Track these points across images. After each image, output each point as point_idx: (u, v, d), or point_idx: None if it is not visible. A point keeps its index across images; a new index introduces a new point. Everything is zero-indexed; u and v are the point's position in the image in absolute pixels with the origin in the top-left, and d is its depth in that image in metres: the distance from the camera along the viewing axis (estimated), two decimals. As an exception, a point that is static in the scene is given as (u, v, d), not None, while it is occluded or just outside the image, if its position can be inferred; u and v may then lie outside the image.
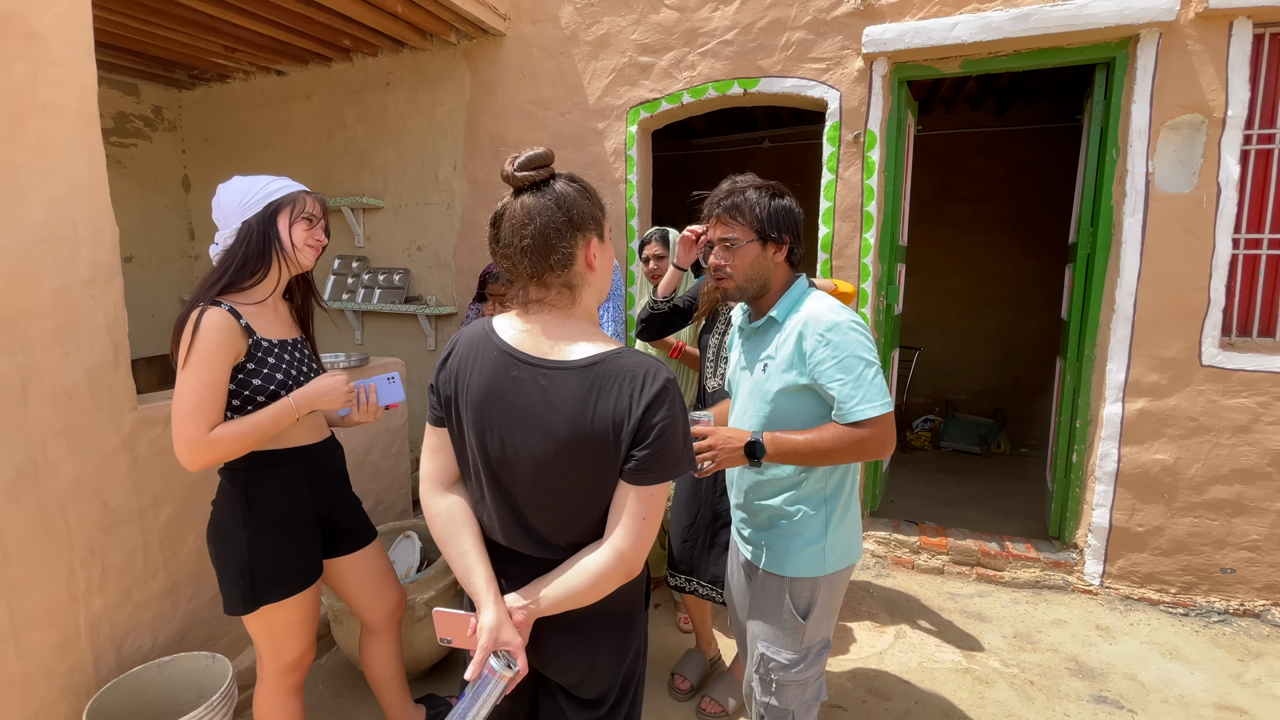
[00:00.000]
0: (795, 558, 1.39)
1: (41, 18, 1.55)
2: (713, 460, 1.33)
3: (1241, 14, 2.43)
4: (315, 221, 1.54)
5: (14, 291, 1.52)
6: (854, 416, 1.27)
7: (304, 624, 1.56)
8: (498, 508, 1.04)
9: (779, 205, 1.39)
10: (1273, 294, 2.59)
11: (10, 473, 1.52)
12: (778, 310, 1.40)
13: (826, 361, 1.29)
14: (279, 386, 1.48)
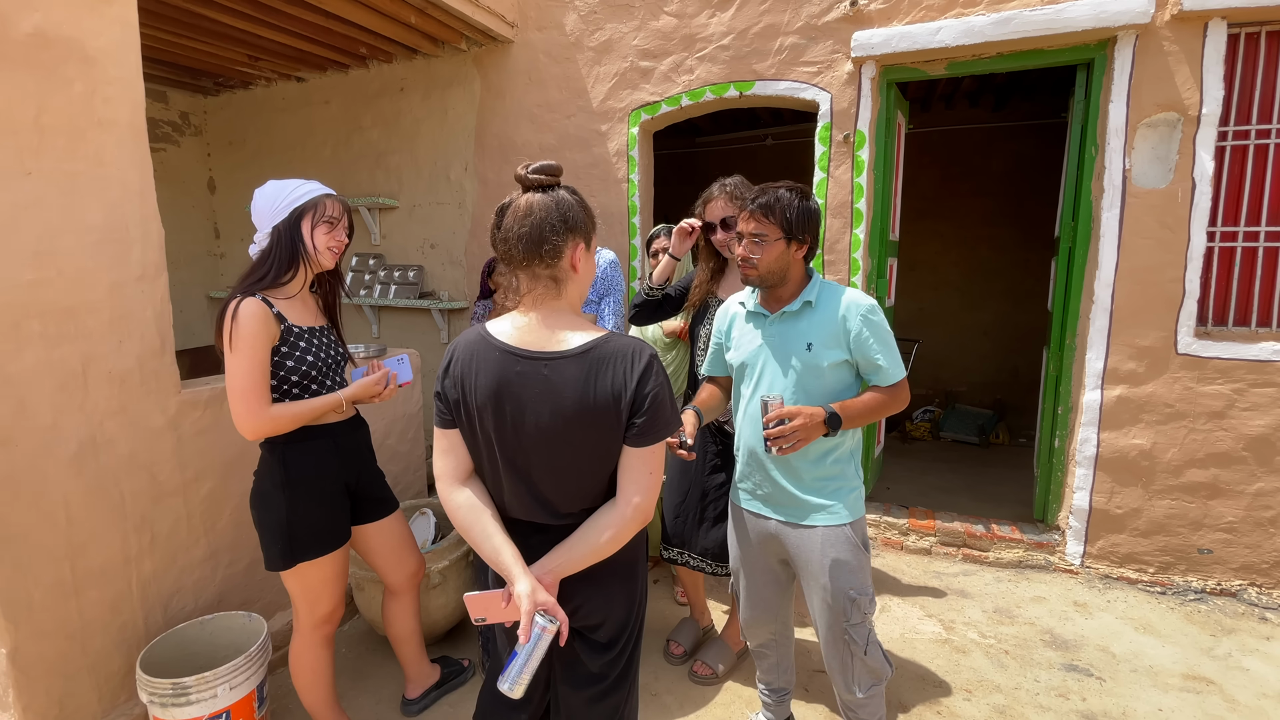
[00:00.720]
0: (848, 504, 1.59)
1: (96, 42, 1.74)
2: (802, 437, 1.45)
3: (1216, 15, 2.53)
4: (336, 224, 1.69)
5: (76, 287, 1.71)
6: (892, 379, 1.55)
7: (335, 581, 1.74)
8: (515, 487, 1.19)
9: (806, 208, 1.56)
10: (1249, 285, 2.69)
11: (73, 446, 1.72)
12: (812, 296, 1.58)
13: (870, 338, 1.54)
14: (310, 368, 1.66)
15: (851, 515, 1.60)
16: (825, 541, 1.57)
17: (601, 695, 1.25)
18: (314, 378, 1.67)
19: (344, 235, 1.73)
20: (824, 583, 1.58)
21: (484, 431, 1.17)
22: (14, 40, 1.58)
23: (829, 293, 1.60)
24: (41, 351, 1.65)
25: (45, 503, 1.68)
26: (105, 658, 1.83)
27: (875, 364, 1.55)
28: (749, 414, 1.65)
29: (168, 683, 1.69)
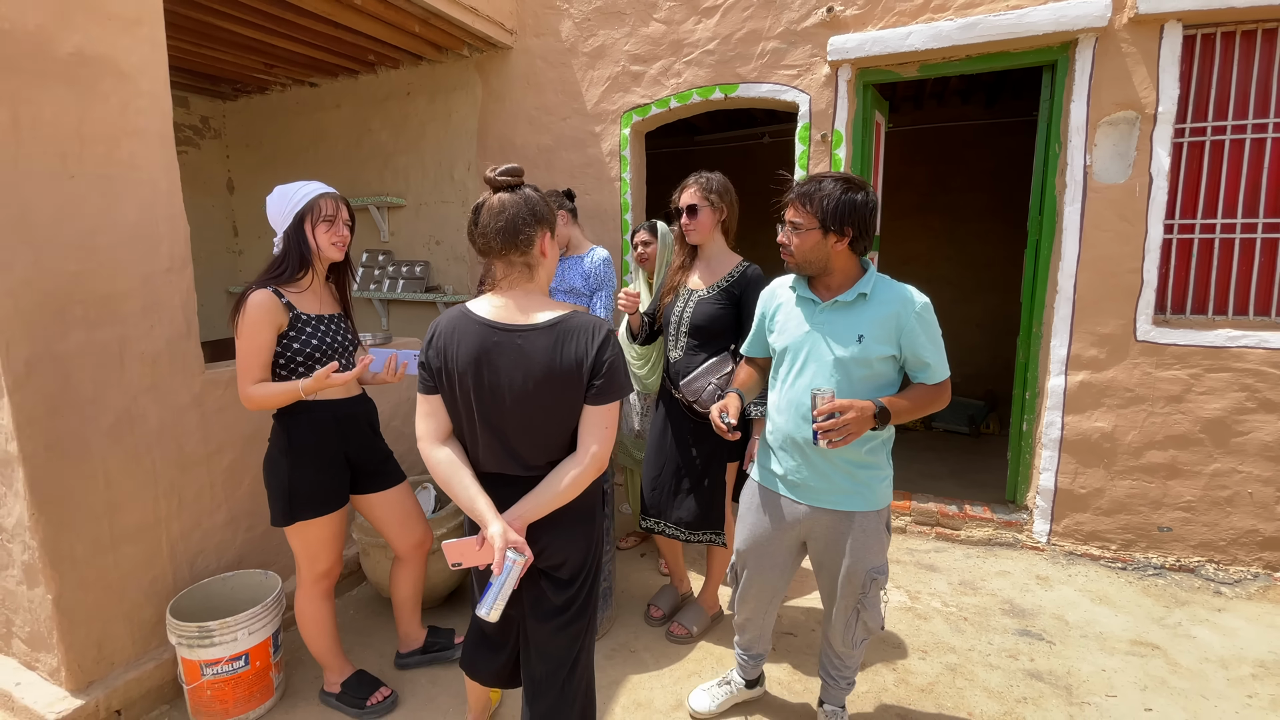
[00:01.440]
0: (880, 491, 1.65)
1: (129, 59, 1.96)
2: (853, 431, 1.46)
3: (1172, 17, 2.66)
4: (334, 220, 1.85)
5: (114, 277, 1.93)
6: (939, 378, 1.58)
7: (330, 541, 1.94)
8: (489, 442, 1.39)
9: (848, 200, 1.52)
10: (1206, 275, 2.82)
11: (111, 418, 1.95)
12: (867, 289, 1.56)
13: (922, 335, 1.54)
14: (315, 350, 1.85)
15: (883, 501, 1.65)
16: (859, 526, 1.62)
17: (564, 625, 1.45)
18: (318, 359, 1.85)
19: (343, 229, 1.88)
20: (848, 563, 1.63)
21: (464, 394, 1.37)
22: (58, 59, 1.80)
23: (884, 287, 1.59)
24: (84, 333, 1.88)
25: (87, 467, 1.91)
26: (138, 607, 2.06)
27: (923, 361, 1.56)
28: (788, 399, 1.64)
29: (194, 626, 1.91)
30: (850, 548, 1.62)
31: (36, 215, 1.76)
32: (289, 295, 1.83)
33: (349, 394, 1.99)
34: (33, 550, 1.83)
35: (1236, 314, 2.80)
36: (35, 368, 1.78)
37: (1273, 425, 2.73)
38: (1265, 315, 2.78)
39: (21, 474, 1.78)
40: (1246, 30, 2.68)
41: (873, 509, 1.63)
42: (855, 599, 1.67)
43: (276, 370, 1.83)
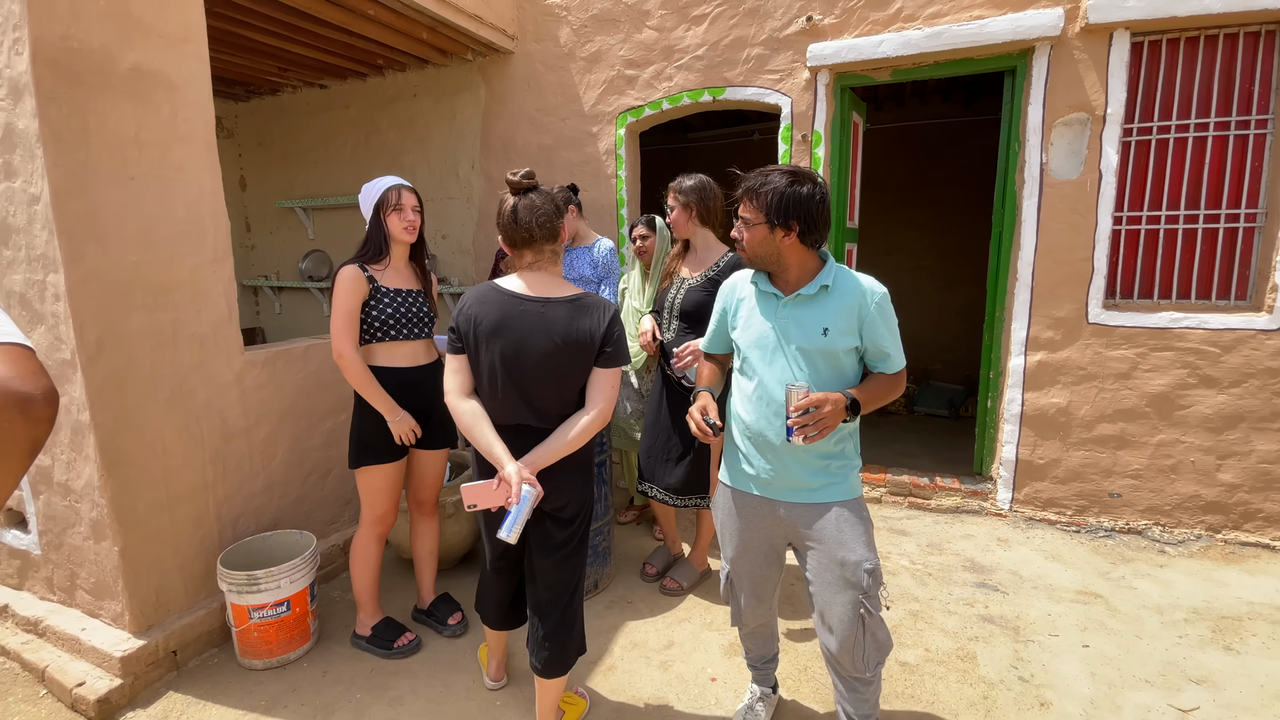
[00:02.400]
0: (853, 481, 1.64)
1: (179, 73, 2.20)
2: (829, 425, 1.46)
3: (1121, 26, 2.92)
4: (404, 208, 2.18)
5: (167, 267, 2.18)
6: (898, 366, 1.59)
7: (387, 489, 2.24)
8: (510, 395, 1.64)
9: (792, 194, 1.50)
10: (1151, 262, 3.09)
11: (167, 392, 2.20)
12: (829, 280, 1.54)
13: (882, 326, 1.54)
14: (389, 318, 2.17)
15: (857, 490, 1.64)
16: (839, 517, 1.59)
17: (565, 559, 1.73)
18: (391, 325, 2.19)
19: (412, 215, 2.20)
20: (840, 557, 1.57)
21: (489, 355, 1.63)
22: (119, 75, 2.04)
23: (845, 278, 1.57)
24: (143, 317, 2.12)
25: (147, 436, 2.16)
26: (190, 561, 2.32)
27: (884, 351, 1.57)
28: (757, 396, 1.60)
29: (243, 575, 2.17)
30: (836, 541, 1.58)
31: (103, 212, 2.01)
32: (372, 270, 2.18)
33: (410, 363, 2.27)
34: (101, 508, 2.09)
35: (1179, 298, 3.07)
36: (104, 347, 2.03)
37: (1212, 399, 3.00)
38: (1205, 299, 3.05)
39: (92, 440, 2.03)
40: (1190, 37, 2.94)
41: (849, 497, 1.61)
42: (857, 599, 1.57)
43: (364, 333, 2.18)
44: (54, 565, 2.32)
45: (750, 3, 3.45)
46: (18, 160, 1.94)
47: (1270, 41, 2.86)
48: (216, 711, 2.08)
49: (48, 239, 1.93)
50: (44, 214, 1.92)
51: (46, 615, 2.32)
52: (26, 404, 0.73)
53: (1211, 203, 2.99)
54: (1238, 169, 2.95)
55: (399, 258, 2.27)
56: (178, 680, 2.22)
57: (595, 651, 2.32)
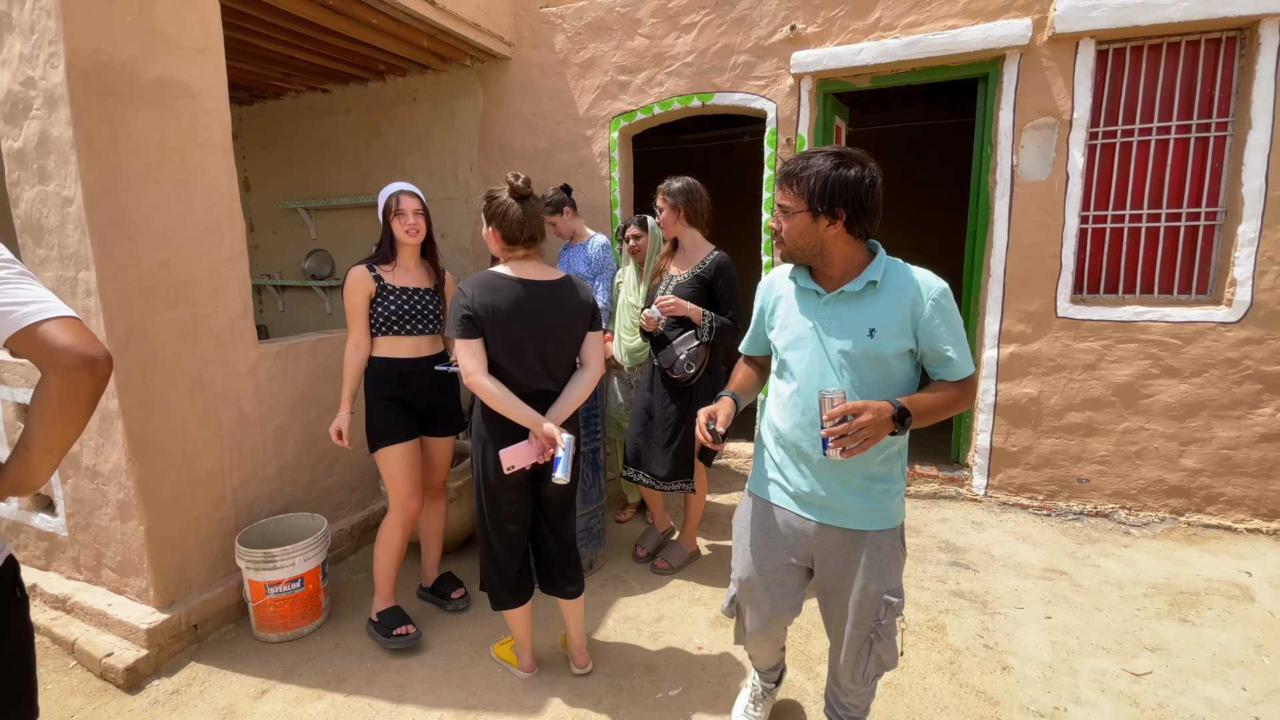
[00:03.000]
0: (895, 507, 1.46)
1: (199, 83, 2.35)
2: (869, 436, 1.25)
3: (1086, 35, 3.08)
4: (406, 213, 2.32)
5: (187, 265, 2.33)
6: (963, 374, 1.36)
7: (403, 471, 2.35)
8: (535, 365, 1.89)
9: (838, 177, 1.33)
10: (1116, 259, 3.25)
11: (188, 382, 2.35)
12: (876, 275, 1.37)
13: (941, 325, 1.34)
14: (392, 314, 2.31)
15: (898, 518, 1.47)
16: (873, 545, 1.44)
17: (567, 506, 2.09)
18: (394, 321, 2.32)
19: (413, 219, 2.33)
20: (860, 586, 1.44)
21: (513, 333, 1.84)
22: (144, 85, 2.19)
23: (896, 272, 1.39)
24: (166, 311, 2.27)
25: (170, 423, 2.31)
26: (209, 541, 2.47)
27: (944, 355, 1.35)
28: (793, 403, 1.45)
29: (260, 553, 2.32)
30: (864, 569, 1.43)
31: (130, 214, 2.16)
32: (380, 270, 2.34)
33: (413, 354, 2.39)
34: (128, 490, 2.24)
35: (1143, 292, 3.24)
36: (131, 339, 2.18)
37: (1174, 388, 3.17)
38: (1167, 293, 3.22)
39: (121, 426, 2.18)
40: (1153, 44, 3.11)
41: (888, 527, 1.44)
42: (869, 628, 1.48)
43: (371, 327, 2.34)
44: (81, 546, 2.47)
45: (737, 12, 3.60)
46: (52, 165, 2.09)
47: (1230, 47, 3.03)
48: (236, 679, 2.23)
49: (79, 239, 2.08)
50: (76, 215, 2.07)
51: (74, 593, 2.46)
52: (94, 364, 0.95)
53: (1173, 202, 3.16)
54: (1199, 170, 3.12)
55: (408, 257, 2.41)
56: (199, 652, 2.37)
57: (591, 624, 2.48)
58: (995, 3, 3.19)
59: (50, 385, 0.95)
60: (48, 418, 0.97)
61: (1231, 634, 2.39)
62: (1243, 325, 3.03)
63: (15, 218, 2.23)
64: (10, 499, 2.10)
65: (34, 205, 2.17)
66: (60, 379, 0.95)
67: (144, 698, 2.15)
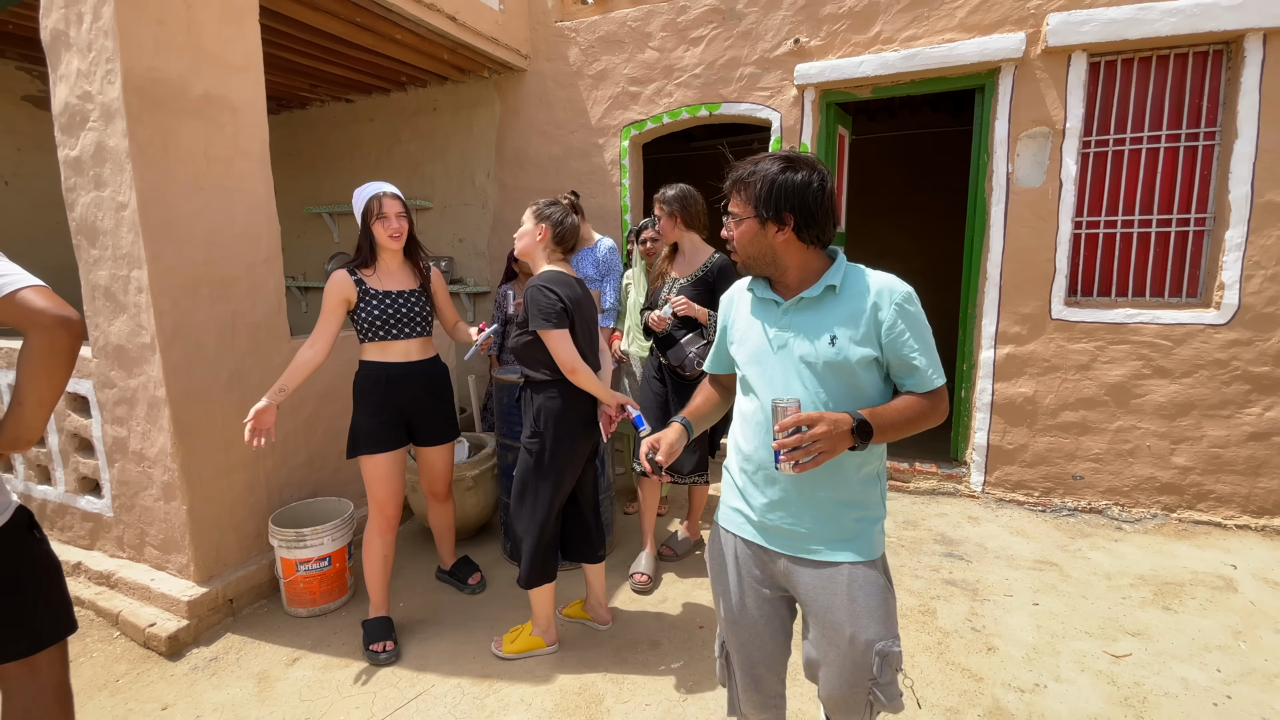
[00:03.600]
0: (875, 536, 1.32)
1: (240, 97, 2.54)
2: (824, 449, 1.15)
3: (1078, 48, 3.21)
4: (388, 216, 2.23)
5: (228, 265, 2.52)
6: (931, 385, 1.25)
7: (384, 479, 2.31)
8: (593, 348, 2.21)
9: (785, 182, 1.25)
10: (1108, 263, 3.37)
11: (227, 373, 2.53)
12: (835, 280, 1.28)
13: (906, 332, 1.24)
14: (375, 319, 2.26)
15: (879, 549, 1.33)
16: (852, 583, 1.29)
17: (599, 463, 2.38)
18: (380, 326, 2.28)
19: (397, 223, 2.25)
20: (849, 634, 1.29)
21: (582, 322, 2.14)
22: (191, 99, 2.38)
23: (856, 277, 1.30)
24: (209, 308, 2.46)
25: (211, 411, 2.49)
26: (243, 521, 2.64)
27: (910, 364, 1.25)
28: (755, 421, 1.35)
29: (292, 532, 2.49)
30: (849, 615, 1.29)
31: (178, 218, 2.35)
32: (362, 274, 2.28)
33: (402, 359, 2.34)
34: (173, 472, 2.42)
35: (1135, 295, 3.35)
36: (178, 333, 2.36)
37: (1165, 388, 3.27)
38: (1159, 296, 3.32)
39: (167, 413, 2.36)
40: (1143, 57, 3.23)
41: (867, 558, 1.30)
42: (865, 685, 1.31)
43: (358, 333, 2.33)
44: (124, 525, 2.66)
45: (743, 26, 3.77)
46: (107, 173, 2.29)
47: (1217, 60, 3.15)
48: (269, 648, 2.40)
49: (133, 240, 2.27)
50: (131, 219, 2.26)
51: (117, 569, 2.65)
52: (68, 323, 1.16)
53: (1164, 208, 3.27)
54: (1188, 177, 3.23)
55: (390, 260, 2.33)
56: (234, 624, 2.54)
57: (598, 605, 2.63)
58: (990, 17, 3.32)
59: (34, 343, 1.14)
60: (35, 372, 1.16)
61: (1212, 621, 2.49)
62: (1231, 327, 3.13)
63: (71, 220, 2.43)
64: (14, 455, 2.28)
65: (89, 209, 2.37)
66: (42, 336, 1.13)
67: (184, 664, 2.33)
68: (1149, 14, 3.04)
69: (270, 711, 2.08)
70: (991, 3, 3.31)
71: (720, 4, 3.80)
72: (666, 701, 2.09)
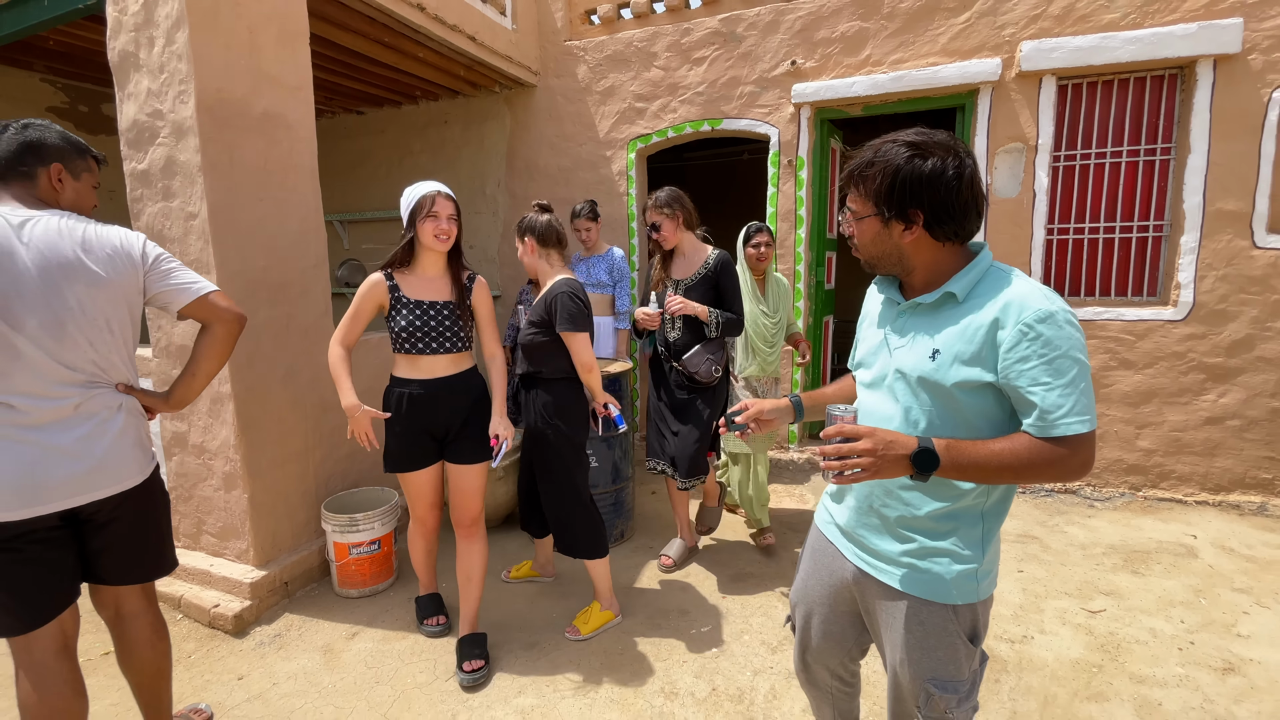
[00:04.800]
0: (952, 582, 1.16)
1: (294, 114, 2.74)
2: (865, 468, 1.05)
3: (1048, 73, 3.56)
4: (439, 217, 2.07)
5: (284, 270, 2.71)
6: (1059, 431, 1.02)
7: (417, 496, 2.29)
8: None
9: (910, 172, 1.09)
10: (1078, 266, 3.71)
11: (282, 371, 2.72)
12: (957, 286, 1.11)
13: (1032, 359, 1.03)
14: (403, 330, 2.12)
15: (960, 596, 1.16)
16: (913, 617, 1.19)
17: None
18: (405, 338, 2.13)
19: (444, 224, 2.08)
20: (901, 657, 1.21)
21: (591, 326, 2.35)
22: (253, 117, 2.58)
23: (990, 285, 1.11)
24: (268, 310, 2.65)
25: (268, 406, 2.67)
26: (296, 509, 2.83)
27: (1027, 399, 1.04)
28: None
29: (346, 517, 2.68)
30: (905, 642, 1.20)
31: (242, 227, 2.54)
32: (399, 279, 2.14)
33: (429, 376, 2.19)
34: (234, 462, 2.60)
35: (1101, 295, 3.70)
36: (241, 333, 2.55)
37: (1130, 378, 3.62)
38: (1122, 295, 3.68)
39: (231, 407, 2.55)
40: (1106, 80, 3.59)
41: (933, 599, 1.17)
42: (911, 709, 1.26)
43: (393, 343, 2.19)
44: (181, 515, 2.82)
45: (743, 48, 4.06)
46: (177, 185, 2.47)
47: (1172, 83, 3.52)
48: (327, 625, 2.58)
49: (203, 247, 2.46)
50: (201, 228, 2.45)
51: (174, 557, 2.81)
52: (242, 319, 1.71)
53: (1126, 216, 3.62)
54: (1147, 188, 3.59)
55: (431, 265, 2.17)
56: (290, 605, 2.72)
57: (628, 580, 2.86)
58: (970, 43, 3.66)
59: (216, 333, 1.67)
60: (214, 353, 1.67)
61: (1175, 582, 2.81)
62: (1187, 323, 3.49)
63: (136, 228, 2.60)
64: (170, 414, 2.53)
65: (156, 218, 2.55)
66: (225, 328, 1.67)
67: (250, 640, 2.50)
68: (1111, 42, 3.39)
69: (340, 678, 2.28)
70: (971, 30, 3.64)
71: (722, 27, 4.09)
72: (701, 658, 2.33)
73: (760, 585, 2.84)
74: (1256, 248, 3.38)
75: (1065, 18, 3.50)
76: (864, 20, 3.80)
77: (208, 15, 2.39)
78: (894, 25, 3.75)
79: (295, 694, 2.20)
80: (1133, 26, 3.42)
